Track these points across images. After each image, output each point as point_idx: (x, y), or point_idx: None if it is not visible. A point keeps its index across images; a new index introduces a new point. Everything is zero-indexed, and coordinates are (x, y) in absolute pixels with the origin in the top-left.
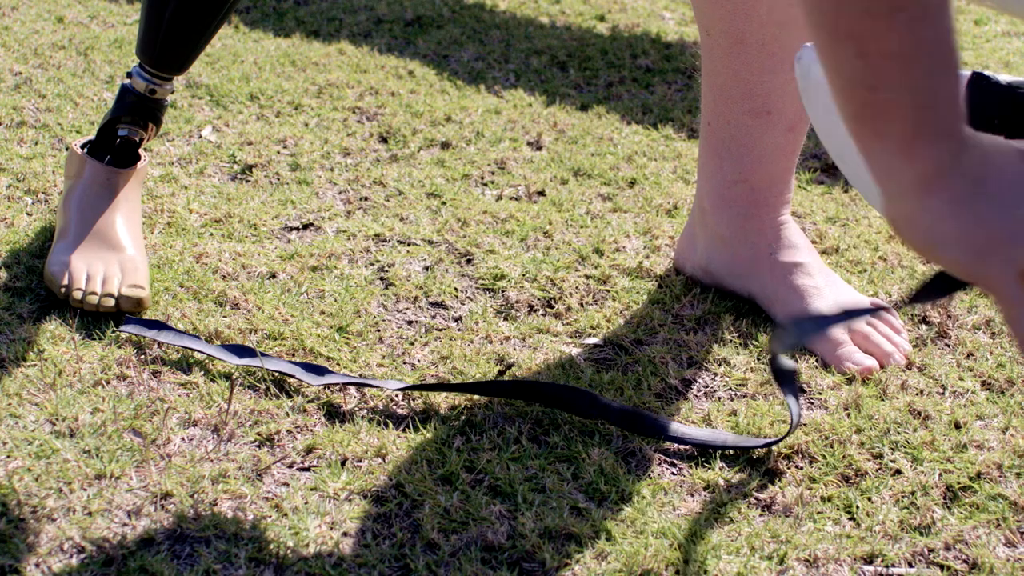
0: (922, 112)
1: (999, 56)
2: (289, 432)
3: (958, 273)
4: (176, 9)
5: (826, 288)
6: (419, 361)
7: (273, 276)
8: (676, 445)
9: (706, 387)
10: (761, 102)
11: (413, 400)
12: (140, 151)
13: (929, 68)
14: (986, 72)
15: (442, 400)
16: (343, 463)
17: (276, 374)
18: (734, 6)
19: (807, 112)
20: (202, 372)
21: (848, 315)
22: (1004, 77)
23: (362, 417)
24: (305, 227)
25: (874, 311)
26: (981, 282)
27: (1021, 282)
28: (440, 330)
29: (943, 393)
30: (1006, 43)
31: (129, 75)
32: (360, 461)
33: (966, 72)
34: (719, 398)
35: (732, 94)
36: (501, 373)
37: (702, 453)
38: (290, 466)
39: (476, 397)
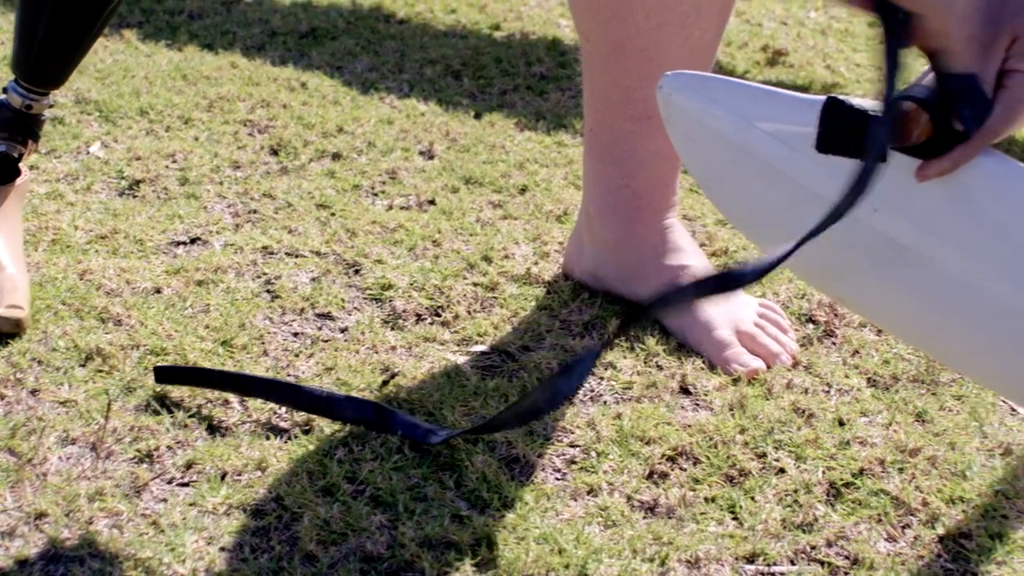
0: None
1: None
2: (169, 448)
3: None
4: (49, 24)
5: None
6: (303, 373)
7: (158, 291)
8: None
9: (592, 391)
10: (641, 107)
11: (295, 412)
12: (20, 167)
13: None
14: (840, 96)
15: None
16: (223, 477)
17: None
18: (612, 13)
19: (671, 139)
20: (83, 390)
21: (720, 284)
22: (858, 101)
23: (244, 430)
24: (192, 241)
25: (733, 279)
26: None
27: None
28: (326, 341)
29: (828, 391)
30: None
31: (5, 90)
32: (240, 475)
33: (821, 97)
34: (605, 402)
35: (612, 100)
36: (385, 383)
37: (586, 456)
38: (169, 482)
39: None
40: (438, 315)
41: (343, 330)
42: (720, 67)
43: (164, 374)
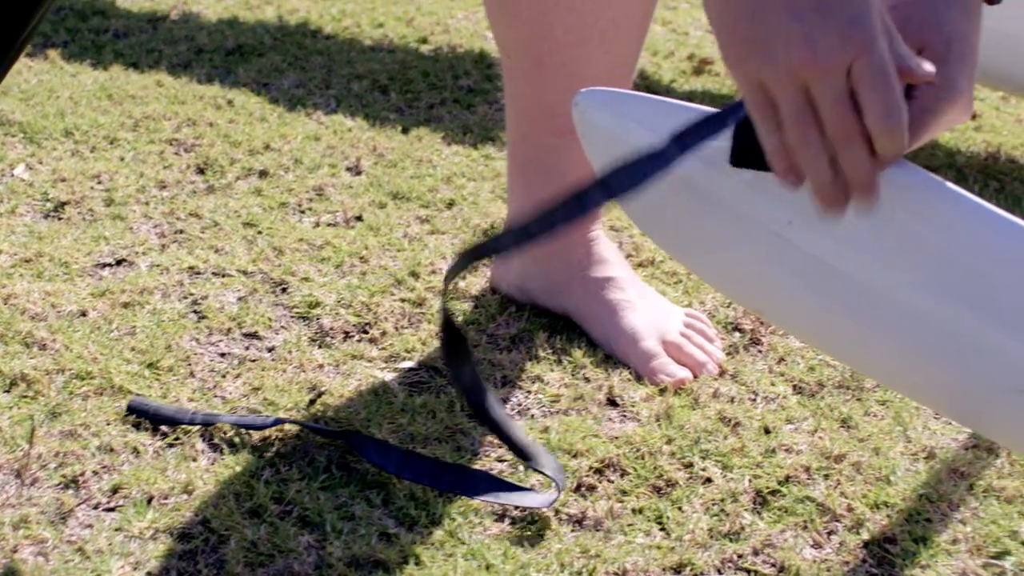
0: None
1: None
2: (95, 472)
3: (741, 63)
4: None
5: (639, 301)
6: (230, 394)
7: (83, 314)
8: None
9: (520, 405)
10: (563, 122)
11: (224, 433)
12: None
13: None
14: None
15: (252, 431)
16: (149, 501)
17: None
18: (531, 29)
19: (587, 156)
20: (7, 416)
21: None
22: None
23: (171, 453)
24: (118, 263)
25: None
26: (762, 77)
27: (802, 98)
28: (253, 361)
29: (755, 399)
30: None
31: None
32: (167, 498)
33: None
34: (532, 415)
35: (534, 115)
36: (312, 402)
37: (514, 471)
38: (95, 507)
39: (287, 427)
40: (365, 332)
41: (270, 349)
42: (646, 77)
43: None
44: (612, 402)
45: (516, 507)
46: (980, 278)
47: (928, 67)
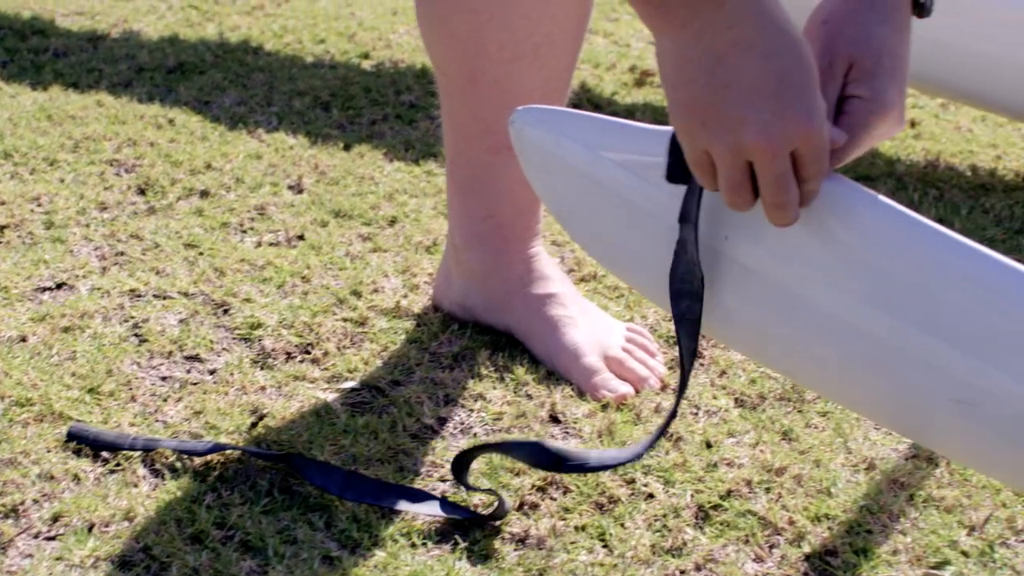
0: None
1: None
2: (35, 501)
3: (690, 133)
4: None
5: (580, 317)
6: (172, 418)
7: (23, 340)
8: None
9: (462, 424)
10: (500, 138)
11: (166, 458)
12: None
13: None
14: None
15: (194, 456)
16: (90, 529)
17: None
18: (465, 47)
19: (524, 173)
20: None
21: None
22: None
23: (112, 480)
24: (58, 287)
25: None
26: (708, 147)
27: (743, 168)
28: (195, 384)
29: (696, 413)
30: None
31: None
32: (108, 526)
33: (669, 127)
34: (475, 434)
35: (471, 132)
36: (254, 425)
37: (456, 490)
38: (35, 536)
39: (229, 452)
40: (308, 353)
41: (212, 372)
42: (588, 89)
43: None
44: (554, 419)
45: (462, 519)
46: (916, 291)
47: (839, 135)
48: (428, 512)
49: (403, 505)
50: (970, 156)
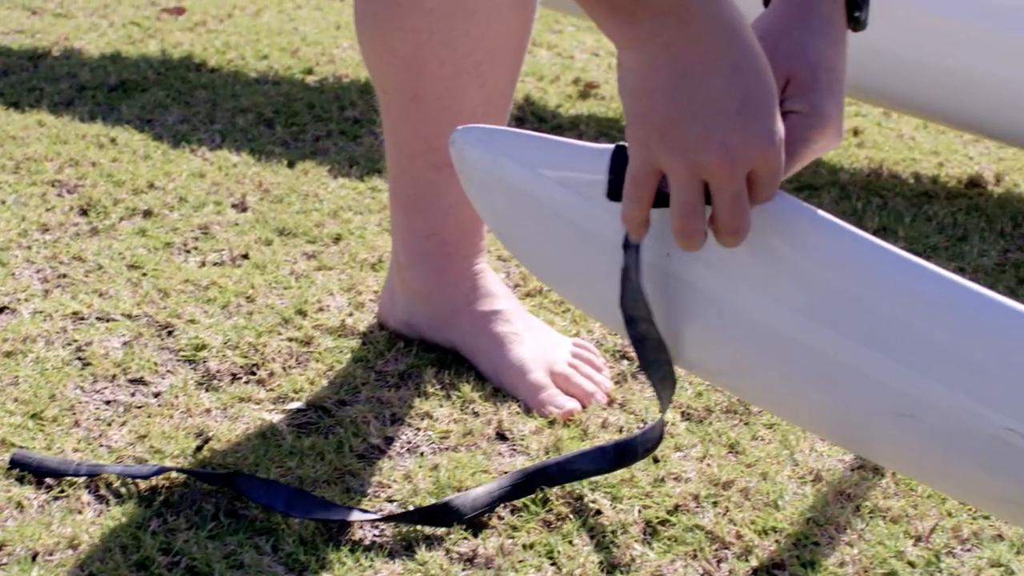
0: None
1: None
2: None
3: (647, 147)
4: None
5: (525, 333)
6: (116, 443)
7: None
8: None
9: (409, 443)
10: (443, 156)
11: (110, 483)
12: None
13: None
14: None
15: (139, 480)
16: (34, 558)
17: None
18: (406, 64)
19: (466, 192)
20: None
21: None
22: None
23: (56, 507)
24: (0, 310)
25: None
26: (663, 164)
27: (700, 188)
28: (139, 408)
29: (643, 427)
30: None
31: None
32: (52, 554)
33: (610, 145)
34: (422, 453)
35: (414, 150)
36: (199, 448)
37: (404, 505)
38: None
39: (174, 474)
40: (253, 373)
41: (156, 395)
42: (532, 102)
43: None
44: (502, 436)
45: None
46: (858, 305)
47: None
48: (377, 518)
49: (354, 516)
50: (913, 164)
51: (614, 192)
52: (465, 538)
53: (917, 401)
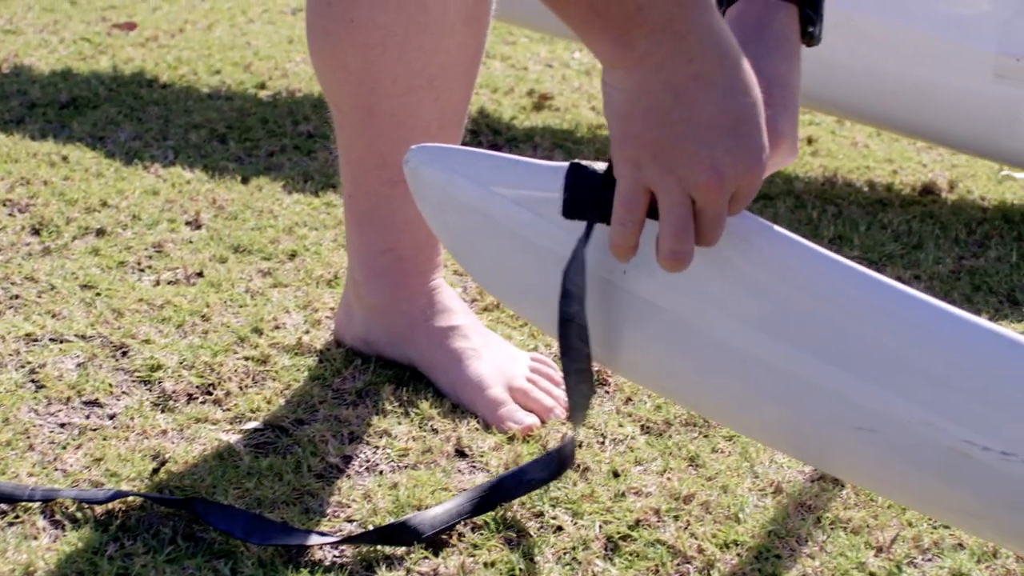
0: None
1: None
2: None
3: (637, 166)
4: None
5: (483, 348)
6: (71, 466)
7: None
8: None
9: (368, 461)
10: (397, 171)
11: (65, 508)
12: None
13: None
14: (583, 162)
15: (95, 505)
16: None
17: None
18: (359, 81)
19: (421, 212)
20: None
21: None
22: (601, 165)
23: (12, 533)
24: None
25: None
26: (652, 182)
27: (690, 206)
28: (94, 430)
29: (603, 442)
30: None
31: None
32: None
33: (565, 163)
34: (381, 471)
35: (368, 166)
36: (156, 471)
37: (364, 530)
38: None
39: (131, 499)
40: (209, 393)
41: (112, 417)
42: (487, 114)
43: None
44: (461, 453)
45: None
46: (814, 319)
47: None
48: (336, 541)
49: (313, 540)
50: (867, 172)
51: (569, 210)
52: (426, 557)
53: (876, 415)
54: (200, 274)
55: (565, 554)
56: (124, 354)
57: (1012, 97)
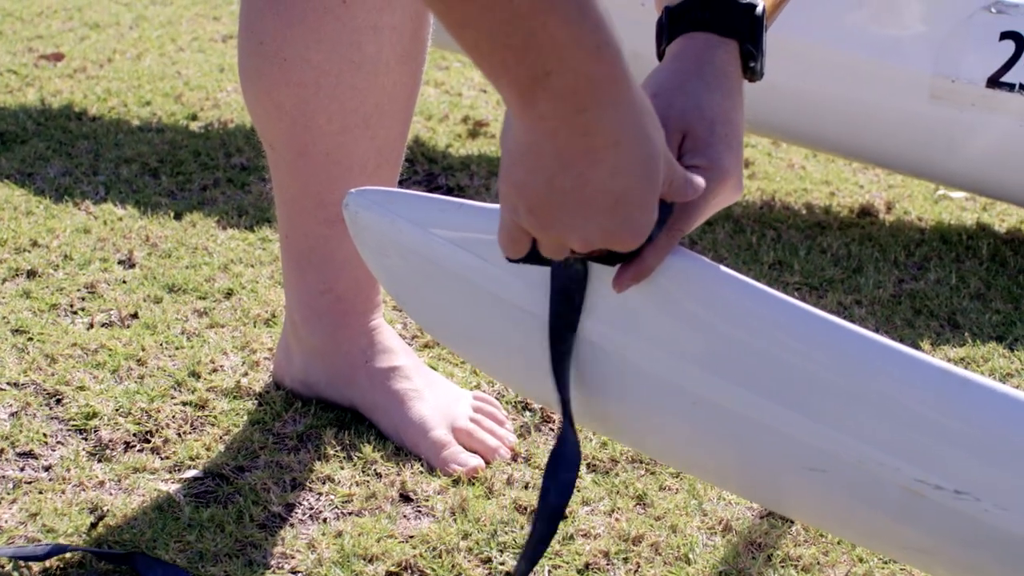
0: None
1: None
2: None
3: (508, 200)
4: None
5: (425, 389)
6: (6, 522)
7: None
8: None
9: (311, 509)
10: (334, 211)
11: (1, 566)
12: None
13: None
14: None
15: (32, 562)
16: None
17: None
18: (293, 120)
19: (362, 256)
20: None
21: None
22: None
23: None
24: None
25: None
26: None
27: (567, 250)
28: (29, 483)
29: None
30: None
31: None
32: None
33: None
34: (325, 519)
35: (304, 205)
36: (94, 525)
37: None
38: None
39: (69, 554)
40: (147, 441)
41: (47, 468)
42: (422, 143)
43: None
44: (406, 498)
45: None
46: (764, 360)
47: (699, 182)
48: None
49: None
50: (804, 194)
51: None
52: None
53: (827, 455)
54: (135, 315)
55: None
56: (58, 402)
57: (948, 118)
